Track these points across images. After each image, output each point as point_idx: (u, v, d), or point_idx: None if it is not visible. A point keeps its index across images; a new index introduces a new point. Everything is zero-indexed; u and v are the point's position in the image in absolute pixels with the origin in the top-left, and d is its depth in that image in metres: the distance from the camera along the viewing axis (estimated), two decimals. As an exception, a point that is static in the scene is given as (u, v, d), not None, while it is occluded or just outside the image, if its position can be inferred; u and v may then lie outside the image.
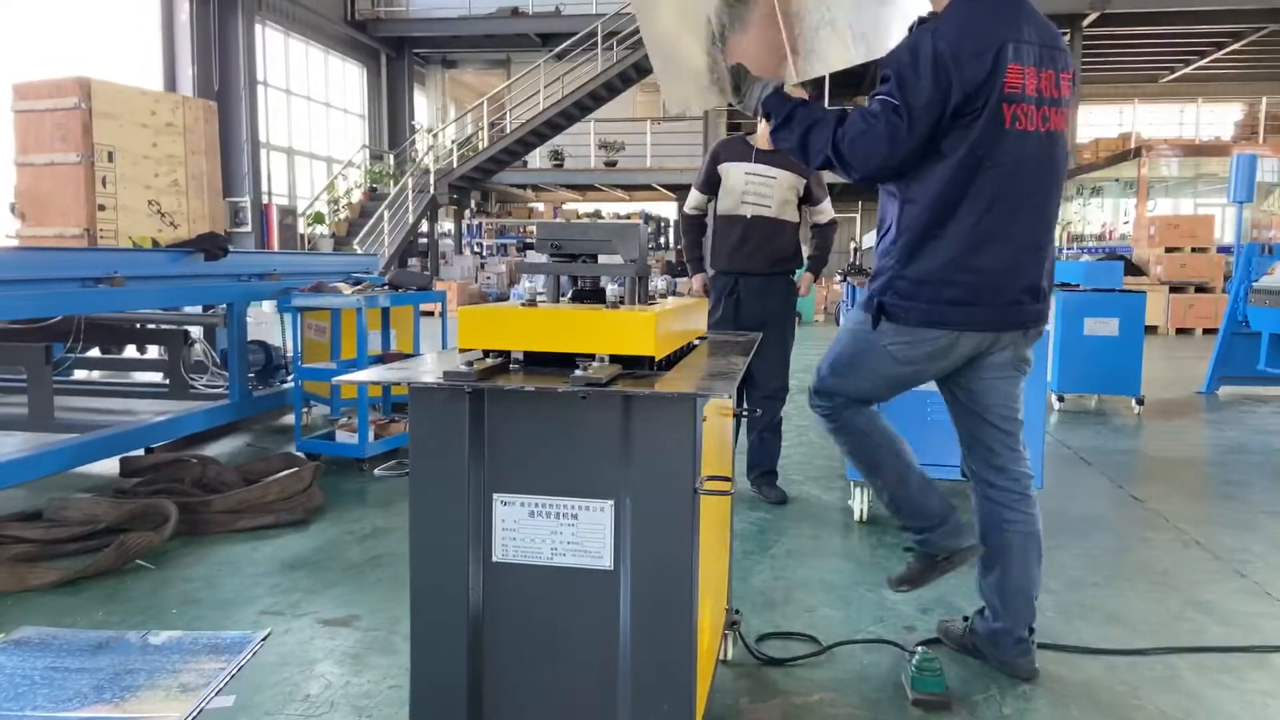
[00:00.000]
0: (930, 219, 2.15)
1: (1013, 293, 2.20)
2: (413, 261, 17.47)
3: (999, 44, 2.05)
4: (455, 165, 18.00)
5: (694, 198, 4.20)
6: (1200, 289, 13.31)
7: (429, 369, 1.79)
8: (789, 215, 4.05)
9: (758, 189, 3.97)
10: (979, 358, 2.28)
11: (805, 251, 4.34)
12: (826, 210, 4.23)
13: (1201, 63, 21.04)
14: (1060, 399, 6.76)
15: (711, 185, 4.08)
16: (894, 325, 2.23)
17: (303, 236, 15.30)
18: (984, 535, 2.40)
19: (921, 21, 2.22)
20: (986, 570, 2.41)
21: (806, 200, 4.10)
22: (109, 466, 4.41)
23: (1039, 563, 2.38)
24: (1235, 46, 19.39)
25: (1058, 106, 2.18)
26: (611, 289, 1.92)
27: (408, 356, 5.11)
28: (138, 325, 5.82)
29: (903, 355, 2.26)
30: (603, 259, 1.92)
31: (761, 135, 3.87)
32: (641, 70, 16.33)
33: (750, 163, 3.98)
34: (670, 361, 1.88)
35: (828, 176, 3.57)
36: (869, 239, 5.66)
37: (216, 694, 2.28)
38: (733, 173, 4.00)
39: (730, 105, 2.45)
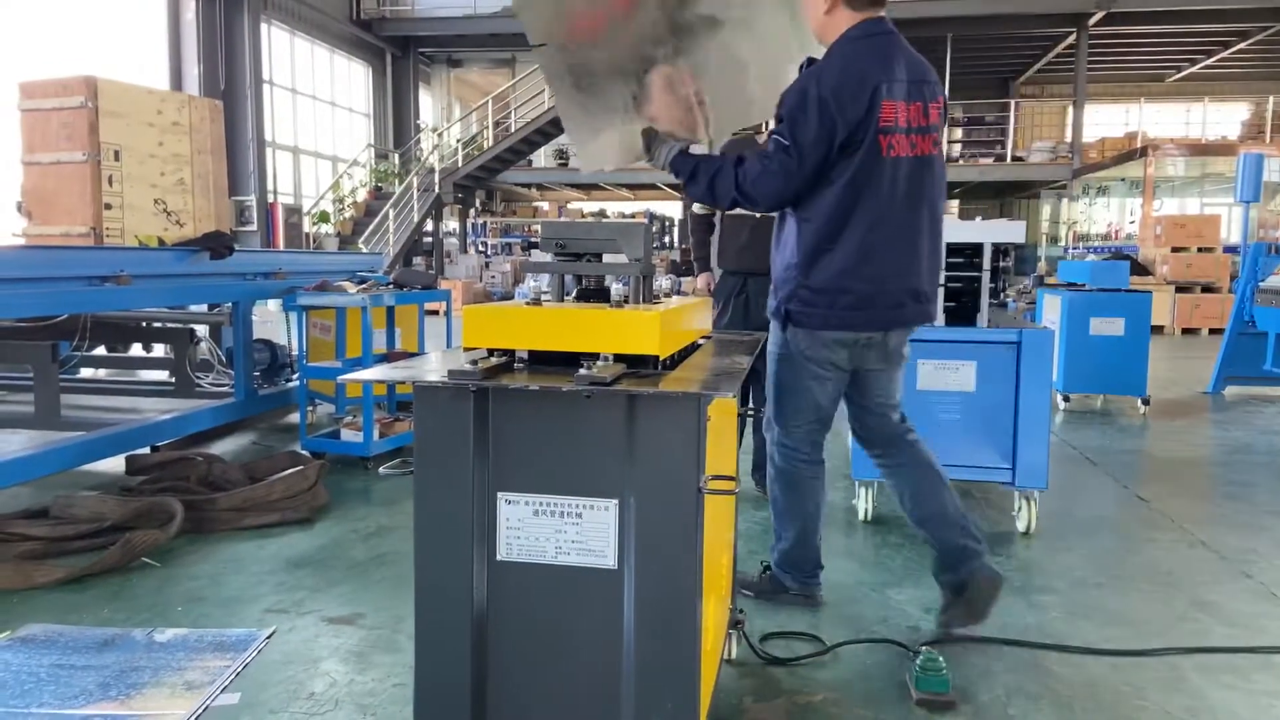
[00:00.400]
0: (824, 236, 2.49)
1: (897, 296, 2.54)
2: (417, 260, 17.48)
3: (874, 85, 2.38)
4: (460, 164, 18.01)
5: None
6: (1206, 289, 13.26)
7: (434, 368, 1.79)
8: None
9: None
10: (867, 353, 2.60)
11: None
12: None
13: (1208, 62, 20.97)
14: (1066, 399, 6.75)
15: None
16: (801, 330, 2.58)
17: (308, 235, 15.31)
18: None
19: (810, 62, 2.53)
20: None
21: None
22: (115, 464, 4.42)
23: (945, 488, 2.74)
24: (1242, 46, 19.33)
25: (925, 133, 2.51)
26: (616, 288, 1.92)
27: (412, 355, 5.12)
28: (144, 324, 5.83)
29: (815, 357, 2.59)
30: (607, 258, 1.92)
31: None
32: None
33: None
34: (675, 361, 1.88)
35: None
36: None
37: (221, 691, 2.29)
38: None
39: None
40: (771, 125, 2.58)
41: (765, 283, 3.60)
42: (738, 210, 3.65)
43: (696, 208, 4.16)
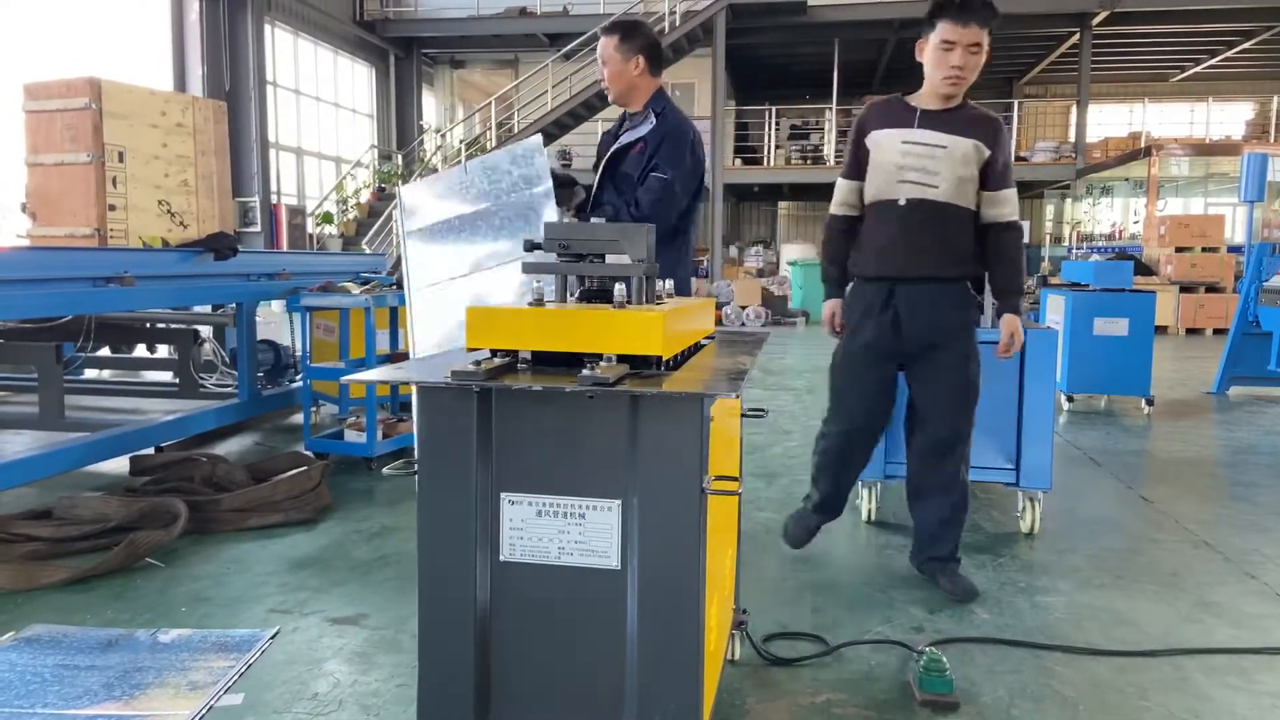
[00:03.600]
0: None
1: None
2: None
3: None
4: (463, 165, 17.98)
5: (842, 190, 3.09)
6: (1210, 289, 13.24)
7: (437, 368, 1.79)
8: (965, 200, 2.91)
9: (920, 163, 2.89)
10: None
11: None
12: (1008, 202, 2.96)
13: (1212, 61, 20.93)
14: (1070, 399, 6.74)
15: (862, 167, 3.02)
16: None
17: (311, 236, 15.32)
18: None
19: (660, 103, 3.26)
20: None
21: (983, 184, 2.93)
22: (119, 465, 4.43)
23: None
24: (1246, 45, 19.28)
25: None
26: (618, 288, 1.92)
27: (416, 356, 5.11)
28: (148, 325, 5.84)
29: None
30: (610, 258, 1.92)
31: (927, 92, 2.94)
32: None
33: (912, 128, 2.90)
34: (678, 361, 1.88)
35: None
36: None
37: (225, 692, 2.29)
38: (885, 144, 2.94)
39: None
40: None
41: (922, 291, 2.94)
42: (877, 195, 2.97)
43: (836, 208, 3.14)
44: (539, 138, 3.36)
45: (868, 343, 3.01)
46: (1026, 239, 3.69)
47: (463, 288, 3.18)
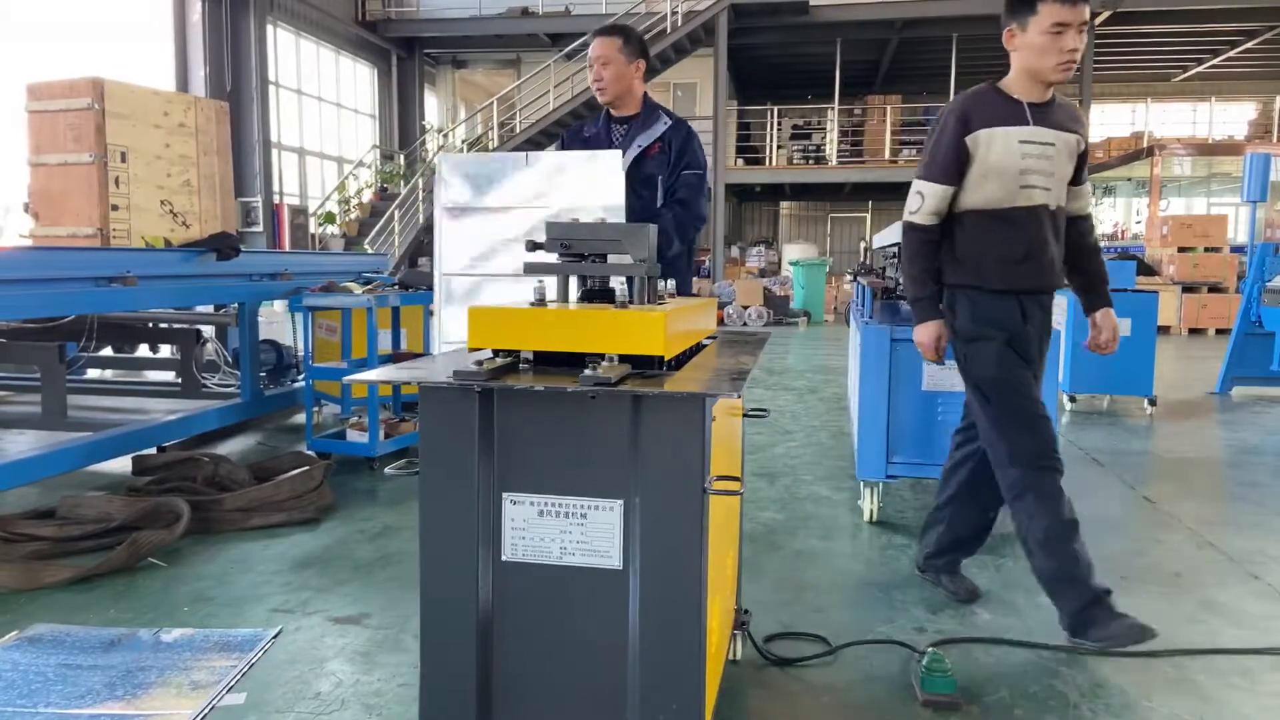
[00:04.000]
0: None
1: None
2: (423, 261, 17.47)
3: None
4: (465, 165, 17.97)
5: (935, 197, 2.70)
6: (1213, 289, 13.23)
7: (439, 368, 1.79)
8: (1064, 201, 2.76)
9: (1039, 164, 2.64)
10: None
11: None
12: (1087, 194, 2.86)
13: (1214, 61, 20.91)
14: (1072, 399, 6.73)
15: (963, 169, 2.67)
16: None
17: (314, 236, 15.34)
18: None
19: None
20: None
21: (1071, 178, 2.77)
22: (122, 465, 4.43)
23: None
24: (1249, 45, 19.26)
25: None
26: (620, 288, 1.92)
27: (418, 356, 5.13)
28: (150, 324, 5.85)
29: None
30: (612, 258, 1.91)
31: (1026, 82, 2.65)
32: (650, 70, 16.29)
33: (1027, 125, 2.63)
34: (680, 361, 1.88)
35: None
36: (879, 238, 5.62)
37: (228, 691, 2.29)
38: (1000, 143, 2.62)
39: None
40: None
41: (1043, 303, 2.76)
42: (998, 202, 2.66)
43: (924, 217, 2.72)
44: (618, 153, 3.26)
45: (1019, 351, 2.70)
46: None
47: (500, 287, 3.16)
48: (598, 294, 1.93)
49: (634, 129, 3.39)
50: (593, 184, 3.14)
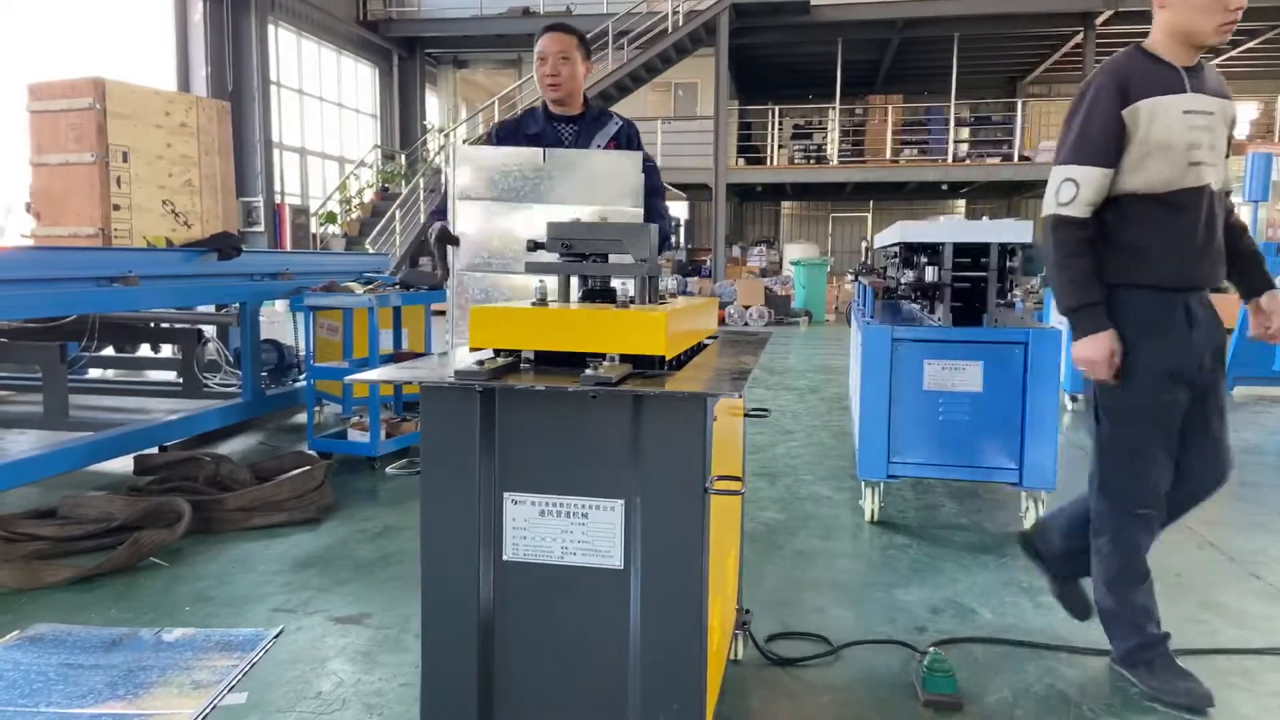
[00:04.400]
0: None
1: None
2: (424, 261, 17.49)
3: None
4: (466, 165, 17.98)
5: (1090, 185, 2.29)
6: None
7: (440, 368, 1.80)
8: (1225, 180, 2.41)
9: (1204, 138, 2.28)
10: None
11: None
12: (1229, 169, 2.46)
13: (1216, 61, 20.87)
14: (1073, 399, 6.72)
15: (1121, 147, 2.28)
16: None
17: (315, 236, 15.36)
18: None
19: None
20: None
21: None
22: (123, 464, 4.44)
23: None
24: (1250, 45, 19.25)
25: None
26: (621, 288, 1.92)
27: (419, 356, 5.13)
28: (152, 324, 5.86)
29: None
30: (613, 258, 1.92)
31: (1175, 44, 2.30)
32: (652, 70, 16.33)
33: (1187, 93, 2.27)
34: (681, 361, 1.88)
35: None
36: (880, 238, 5.61)
37: (229, 691, 2.29)
38: (1164, 115, 2.25)
39: None
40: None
41: (1207, 301, 2.44)
42: (1164, 184, 2.28)
43: (1078, 209, 2.30)
44: (640, 155, 3.22)
45: (1172, 369, 2.31)
46: (1029, 240, 3.61)
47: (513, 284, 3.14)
48: (599, 294, 1.93)
49: (585, 128, 3.37)
50: (620, 184, 3.10)
